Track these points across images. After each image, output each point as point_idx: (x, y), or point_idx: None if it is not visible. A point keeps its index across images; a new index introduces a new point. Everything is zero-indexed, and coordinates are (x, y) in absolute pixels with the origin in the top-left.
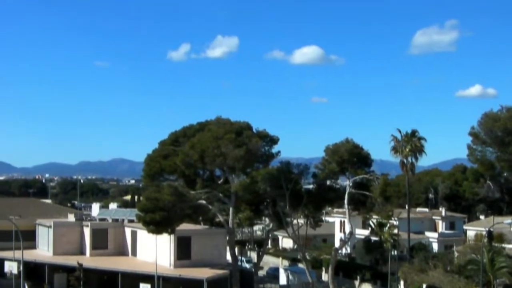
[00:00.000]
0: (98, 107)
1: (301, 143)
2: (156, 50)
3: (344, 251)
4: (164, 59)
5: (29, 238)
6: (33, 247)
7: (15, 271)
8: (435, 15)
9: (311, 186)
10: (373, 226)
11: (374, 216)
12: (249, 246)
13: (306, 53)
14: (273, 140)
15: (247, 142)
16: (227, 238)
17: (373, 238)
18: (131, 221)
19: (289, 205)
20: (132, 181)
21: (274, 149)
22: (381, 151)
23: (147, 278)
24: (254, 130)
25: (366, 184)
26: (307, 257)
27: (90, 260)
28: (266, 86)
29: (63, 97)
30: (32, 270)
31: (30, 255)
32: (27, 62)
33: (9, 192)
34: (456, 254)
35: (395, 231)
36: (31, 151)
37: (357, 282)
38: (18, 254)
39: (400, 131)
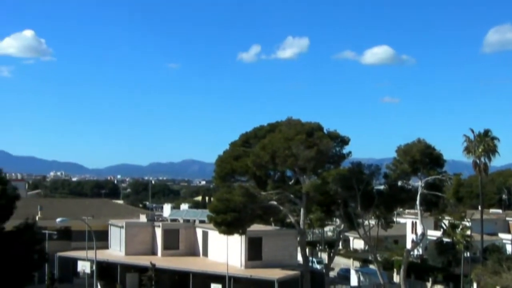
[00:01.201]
0: (170, 109)
1: (372, 144)
2: (227, 51)
3: (415, 252)
4: (235, 60)
5: (101, 238)
6: (106, 247)
7: (88, 270)
8: (508, 13)
9: (382, 187)
10: (445, 227)
11: (447, 217)
12: (320, 247)
13: (377, 53)
14: (344, 141)
15: (318, 143)
16: (298, 239)
17: (446, 240)
18: (202, 221)
19: (360, 206)
20: (203, 182)
21: (345, 150)
22: (453, 151)
23: (218, 278)
24: (325, 131)
25: (439, 184)
26: (379, 258)
27: (161, 260)
28: (337, 86)
29: (135, 99)
30: (105, 269)
31: (102, 255)
32: (99, 64)
33: (81, 193)
34: None
35: (468, 232)
36: (103, 152)
37: (429, 284)
38: (91, 254)
39: (472, 131)
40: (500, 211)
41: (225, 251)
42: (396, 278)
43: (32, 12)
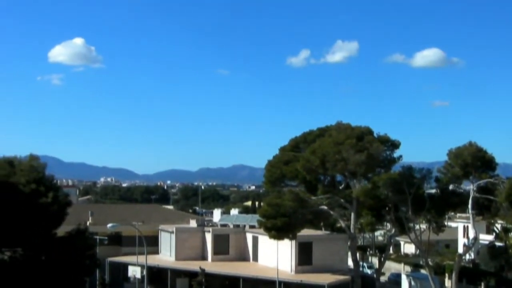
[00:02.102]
0: (219, 114)
1: (422, 147)
2: (276, 56)
3: (467, 257)
4: (284, 65)
5: (151, 243)
6: (156, 252)
7: (138, 275)
8: None
9: (433, 191)
10: (498, 231)
11: (499, 221)
12: (371, 252)
13: (427, 56)
14: (395, 145)
15: (369, 147)
16: (349, 243)
17: (498, 244)
18: (252, 226)
19: (411, 210)
20: (253, 187)
21: (396, 154)
22: (505, 154)
23: (268, 283)
24: (375, 135)
25: (491, 188)
26: (430, 263)
27: (211, 265)
28: (387, 90)
29: (185, 105)
30: (155, 274)
31: (153, 260)
32: (148, 71)
33: (131, 199)
34: None
35: None
36: (152, 158)
37: None
38: (141, 259)
39: None
40: None
41: (275, 256)
42: (448, 283)
43: (82, 20)
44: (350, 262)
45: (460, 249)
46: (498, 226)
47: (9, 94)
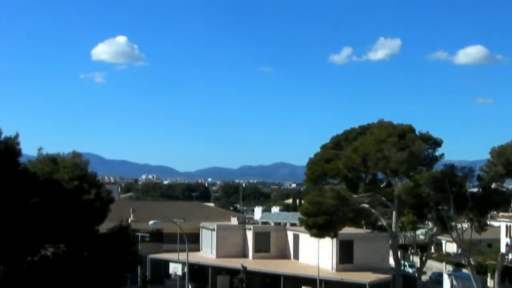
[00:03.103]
0: (260, 112)
1: (465, 145)
2: (318, 54)
3: (510, 256)
4: (326, 62)
5: (193, 240)
6: (197, 249)
7: (179, 272)
8: None
9: (476, 189)
10: None
11: None
12: (412, 251)
13: (471, 53)
14: (437, 143)
15: (410, 145)
16: (390, 242)
17: None
18: (293, 224)
19: (453, 209)
20: (293, 185)
21: (438, 152)
22: None
23: (309, 281)
24: (417, 133)
25: None
26: (472, 262)
27: (252, 263)
28: (429, 87)
29: (226, 102)
30: (196, 272)
31: (194, 257)
32: (191, 68)
33: (173, 196)
34: None
35: None
36: (194, 156)
37: None
38: (182, 256)
39: None
40: None
41: (316, 254)
42: (490, 283)
43: (125, 19)
44: (391, 261)
45: (503, 249)
46: None
47: (53, 92)
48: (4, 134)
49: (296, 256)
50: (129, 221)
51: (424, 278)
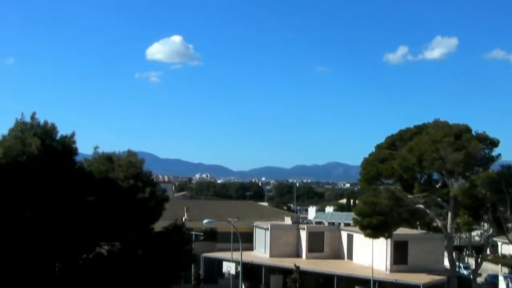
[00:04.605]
0: (314, 111)
1: None
2: (373, 53)
3: None
4: (381, 62)
5: (246, 240)
6: (250, 248)
7: (233, 271)
8: None
9: None
10: None
11: None
12: (467, 252)
13: None
14: (493, 143)
15: (467, 145)
16: (445, 243)
17: None
18: (347, 224)
19: (510, 210)
20: (347, 185)
21: (494, 152)
22: None
23: (363, 282)
24: (473, 133)
25: None
26: None
27: (306, 262)
28: (486, 86)
29: (281, 102)
30: (249, 271)
31: (247, 256)
32: (246, 68)
33: (226, 195)
34: None
35: None
36: (247, 155)
37: None
38: (236, 255)
39: None
40: None
41: (370, 255)
42: None
43: (180, 18)
44: (446, 262)
45: None
46: None
47: (108, 91)
48: (61, 133)
49: (350, 257)
50: (183, 220)
51: (479, 280)
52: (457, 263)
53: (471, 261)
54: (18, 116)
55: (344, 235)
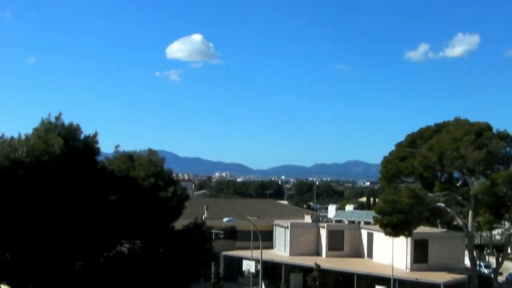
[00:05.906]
0: (335, 109)
1: None
2: (394, 50)
3: None
4: (402, 59)
5: (266, 238)
6: (270, 247)
7: (252, 269)
8: None
9: None
10: None
11: None
12: (488, 251)
13: None
14: None
15: (488, 144)
16: (466, 242)
17: None
18: (367, 223)
19: None
20: (367, 183)
21: None
22: None
23: (383, 280)
24: (494, 131)
25: None
26: None
27: (326, 261)
28: (508, 84)
29: (300, 101)
30: (269, 269)
31: (267, 254)
32: (266, 67)
33: (246, 194)
34: None
35: None
36: (267, 153)
37: None
38: (256, 253)
39: None
40: None
41: (390, 253)
42: None
43: (201, 17)
44: (466, 261)
45: None
46: None
47: (129, 89)
48: (84, 133)
49: (370, 255)
50: (203, 218)
51: (500, 279)
52: (478, 262)
53: (492, 260)
54: (41, 115)
55: (364, 233)
